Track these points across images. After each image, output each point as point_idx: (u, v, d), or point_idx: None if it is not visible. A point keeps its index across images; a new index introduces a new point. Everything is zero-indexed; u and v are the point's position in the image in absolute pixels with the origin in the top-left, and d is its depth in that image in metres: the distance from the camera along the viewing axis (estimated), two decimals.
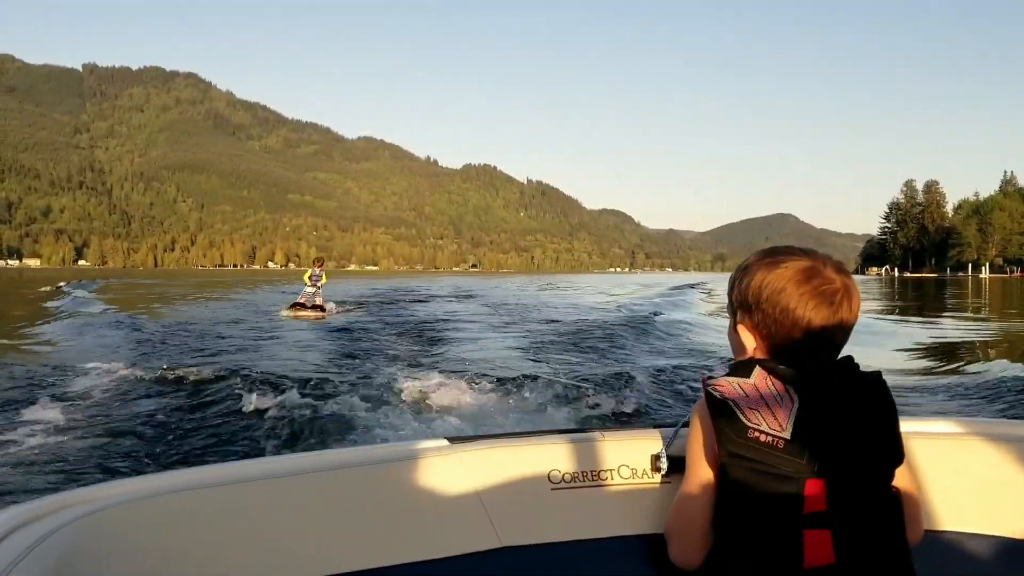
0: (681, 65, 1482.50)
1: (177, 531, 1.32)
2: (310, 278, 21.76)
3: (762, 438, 1.25)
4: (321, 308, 20.86)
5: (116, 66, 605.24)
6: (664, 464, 1.53)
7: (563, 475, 1.53)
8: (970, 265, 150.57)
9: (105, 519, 1.29)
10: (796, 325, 1.31)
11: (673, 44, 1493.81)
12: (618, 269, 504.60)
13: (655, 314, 20.97)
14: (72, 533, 1.23)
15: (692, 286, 52.97)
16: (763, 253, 1.40)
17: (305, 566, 1.34)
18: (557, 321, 18.92)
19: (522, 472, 1.53)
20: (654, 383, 8.56)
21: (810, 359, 1.31)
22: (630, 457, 1.56)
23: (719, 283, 63.93)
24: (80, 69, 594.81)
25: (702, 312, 25.55)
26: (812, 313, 1.30)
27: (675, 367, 9.92)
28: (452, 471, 1.51)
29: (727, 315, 1.49)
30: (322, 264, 22.74)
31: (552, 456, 1.56)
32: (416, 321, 19.03)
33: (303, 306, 20.60)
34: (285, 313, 20.60)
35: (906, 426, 1.36)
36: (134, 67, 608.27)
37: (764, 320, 1.34)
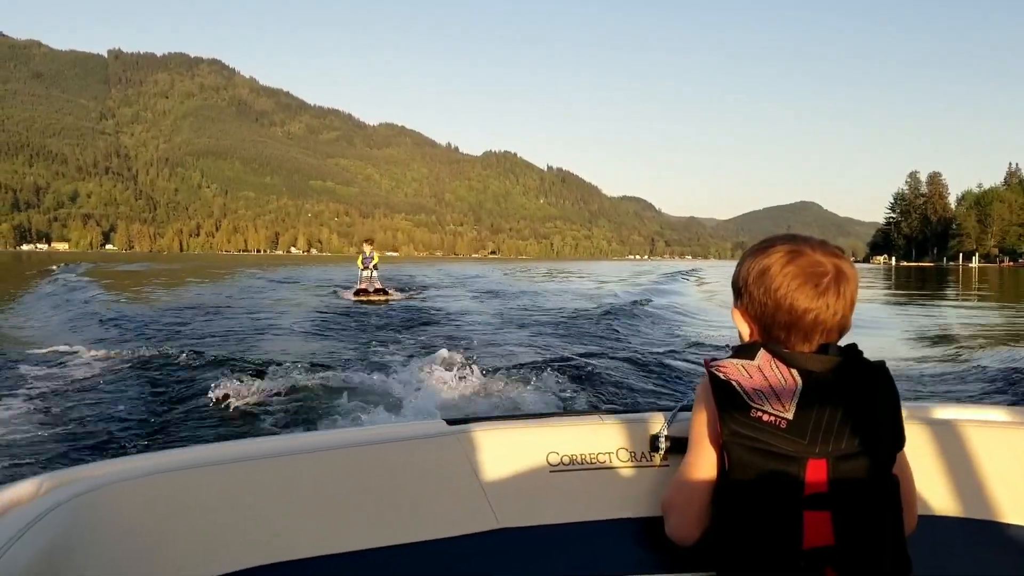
0: (705, 53, 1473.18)
1: (174, 511, 1.31)
2: (362, 261, 21.44)
3: (765, 418, 1.26)
4: (384, 291, 20.78)
5: (141, 52, 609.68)
6: (663, 446, 1.54)
7: (561, 458, 1.53)
8: (961, 255, 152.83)
9: (101, 498, 1.28)
10: (780, 306, 1.31)
11: (696, 32, 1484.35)
12: (637, 257, 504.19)
13: (647, 301, 21.51)
14: (68, 512, 1.22)
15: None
16: (760, 241, 1.42)
17: (302, 546, 1.33)
18: (556, 308, 19.40)
19: (521, 454, 1.53)
20: (649, 366, 8.74)
21: (800, 342, 1.32)
22: (628, 440, 1.57)
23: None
24: (105, 55, 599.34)
25: (694, 297, 26.77)
26: (796, 293, 1.30)
27: (669, 351, 10.37)
28: (450, 453, 1.51)
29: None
30: (373, 244, 22.27)
31: (551, 439, 1.55)
32: (440, 306, 19.44)
33: (365, 291, 20.46)
34: (351, 297, 20.70)
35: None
36: (158, 53, 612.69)
37: (752, 302, 1.35)
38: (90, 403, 6.64)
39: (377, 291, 20.62)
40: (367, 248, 21.78)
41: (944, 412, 1.71)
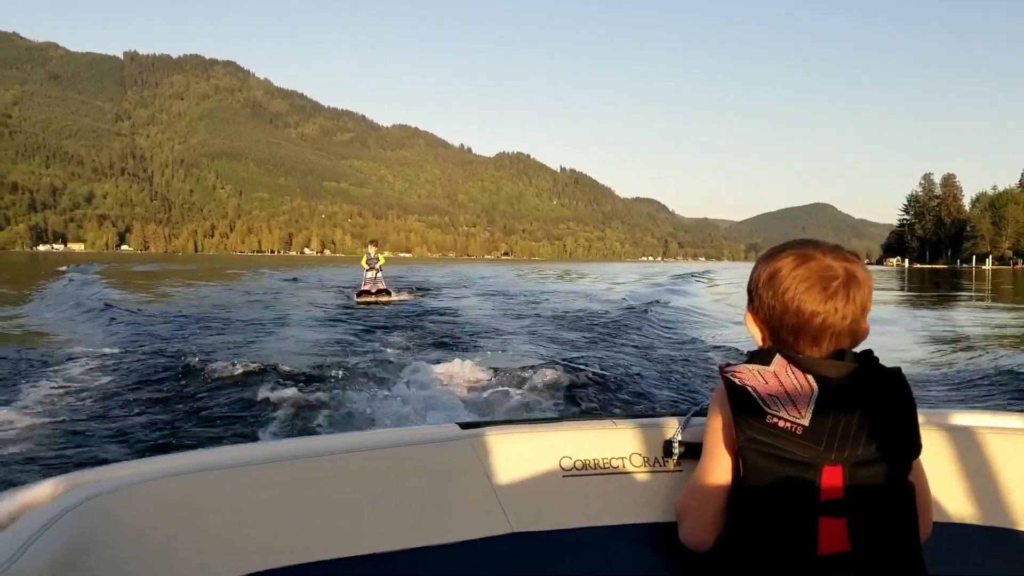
0: (717, 54, 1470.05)
1: (189, 513, 1.32)
2: (367, 262, 21.52)
3: (780, 424, 1.26)
4: (387, 292, 20.82)
5: (156, 54, 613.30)
6: (677, 451, 1.53)
7: (575, 462, 1.53)
8: (974, 257, 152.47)
9: (117, 500, 1.29)
10: (787, 309, 1.32)
11: (708, 33, 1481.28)
12: (650, 258, 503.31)
13: (659, 303, 21.44)
14: (83, 514, 1.23)
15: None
16: (774, 246, 1.42)
17: (316, 549, 1.34)
18: (567, 309, 19.31)
19: (534, 458, 1.53)
20: (662, 371, 8.76)
21: (809, 346, 1.32)
22: (642, 444, 1.56)
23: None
24: (121, 57, 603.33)
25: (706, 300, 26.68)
26: (804, 296, 1.30)
27: (682, 354, 10.45)
28: (463, 457, 1.51)
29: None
30: (377, 245, 22.43)
31: (564, 443, 1.55)
32: (448, 308, 19.43)
33: (369, 292, 20.58)
34: (354, 299, 20.84)
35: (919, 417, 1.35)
36: (174, 55, 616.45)
37: (762, 306, 1.36)
38: (105, 405, 6.64)
39: (380, 292, 20.65)
40: (372, 249, 21.81)
41: (960, 418, 1.72)
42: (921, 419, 1.33)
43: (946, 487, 1.57)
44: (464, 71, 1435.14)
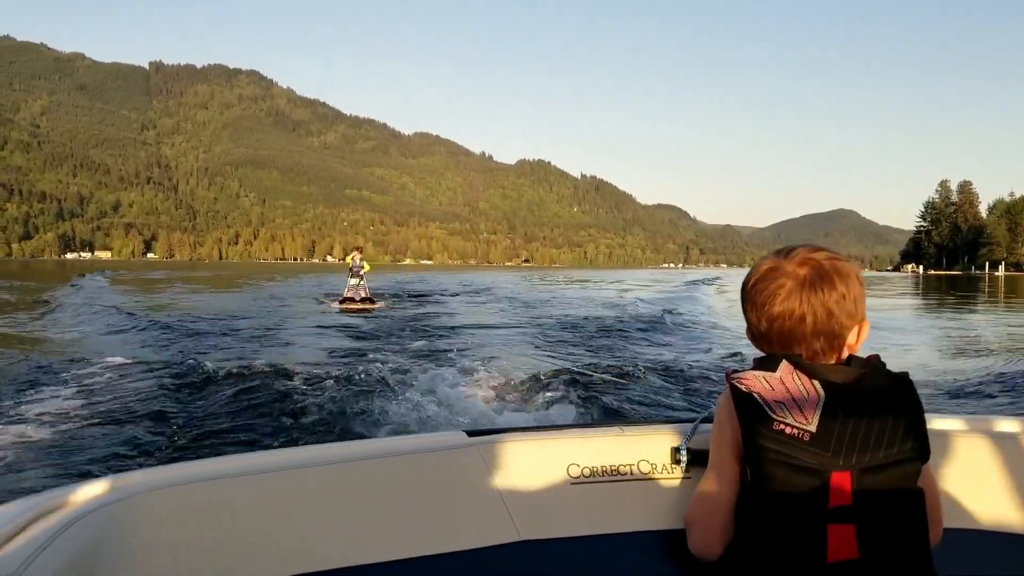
0: (740, 61, 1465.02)
1: (201, 520, 1.33)
2: (351, 269, 21.43)
3: (787, 430, 1.25)
4: (371, 300, 20.79)
5: (181, 64, 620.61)
6: (684, 458, 1.53)
7: (582, 469, 1.53)
8: (987, 264, 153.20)
9: (129, 508, 1.30)
10: (751, 319, 1.35)
11: (732, 38, 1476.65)
12: (671, 265, 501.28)
13: (667, 309, 21.18)
14: (96, 521, 1.24)
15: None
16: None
17: (324, 557, 1.34)
18: (572, 316, 19.13)
19: (541, 466, 1.53)
20: (669, 378, 8.71)
21: (784, 351, 1.33)
22: (650, 452, 1.56)
23: None
24: (147, 67, 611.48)
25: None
26: (762, 304, 1.33)
27: (689, 361, 10.33)
28: (471, 464, 1.51)
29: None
30: (362, 251, 22.27)
31: (571, 450, 1.55)
32: (446, 315, 19.31)
33: (352, 300, 20.57)
34: (335, 306, 20.73)
35: (929, 424, 1.33)
36: (198, 65, 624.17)
37: (745, 314, 1.37)
38: (117, 413, 6.64)
39: (363, 300, 20.70)
40: (356, 256, 21.74)
41: (971, 424, 1.71)
42: (934, 424, 1.33)
43: (956, 492, 1.57)
44: (485, 79, 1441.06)
